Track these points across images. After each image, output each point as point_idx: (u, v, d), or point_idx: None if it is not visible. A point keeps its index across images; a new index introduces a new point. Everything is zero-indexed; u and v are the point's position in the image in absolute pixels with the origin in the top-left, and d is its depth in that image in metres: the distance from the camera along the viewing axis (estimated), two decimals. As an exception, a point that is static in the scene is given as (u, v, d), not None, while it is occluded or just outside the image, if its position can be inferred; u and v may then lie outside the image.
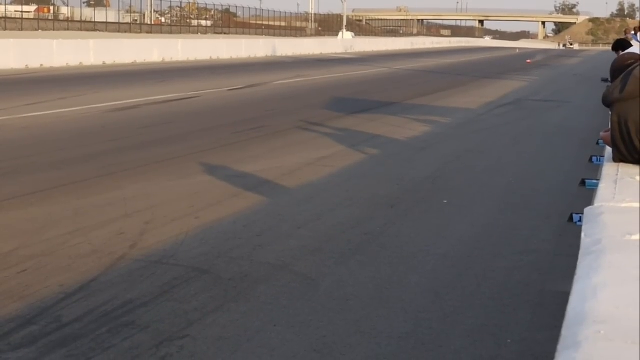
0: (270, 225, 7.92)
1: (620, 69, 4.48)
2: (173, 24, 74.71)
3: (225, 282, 6.00)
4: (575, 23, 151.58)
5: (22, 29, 48.97)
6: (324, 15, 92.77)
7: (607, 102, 4.42)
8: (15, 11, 62.26)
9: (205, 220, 7.81)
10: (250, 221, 8.01)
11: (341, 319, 5.43)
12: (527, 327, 5.15)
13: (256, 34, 70.06)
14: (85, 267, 6.13)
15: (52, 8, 65.82)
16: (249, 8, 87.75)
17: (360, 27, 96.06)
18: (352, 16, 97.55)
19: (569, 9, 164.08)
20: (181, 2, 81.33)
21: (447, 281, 6.34)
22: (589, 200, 3.33)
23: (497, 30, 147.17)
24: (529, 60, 32.42)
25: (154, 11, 77.65)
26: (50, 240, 6.87)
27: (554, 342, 1.75)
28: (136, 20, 72.35)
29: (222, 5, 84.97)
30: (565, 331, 1.78)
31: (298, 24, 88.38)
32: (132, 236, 7.04)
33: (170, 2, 79.73)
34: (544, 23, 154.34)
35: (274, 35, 71.17)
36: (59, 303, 5.40)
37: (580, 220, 3.06)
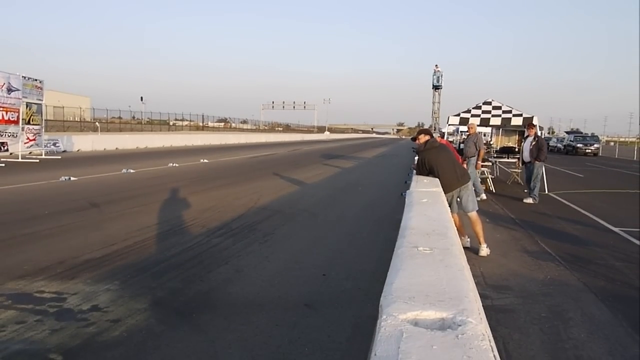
0: (300, 195, 7.81)
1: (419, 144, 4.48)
2: (268, 129, 73.90)
3: (286, 215, 5.93)
4: (402, 129, 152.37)
5: (219, 132, 48.38)
6: (319, 125, 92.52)
7: (415, 153, 4.42)
8: (217, 125, 62.33)
9: (279, 194, 7.70)
10: (294, 194, 7.91)
11: (325, 226, 5.35)
12: (388, 227, 5.10)
13: (295, 132, 69.07)
14: (239, 210, 6.07)
15: (229, 124, 65.35)
16: (294, 123, 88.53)
17: (330, 129, 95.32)
18: (328, 126, 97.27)
19: (401, 124, 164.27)
20: (271, 121, 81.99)
21: (364, 210, 6.26)
22: (407, 187, 3.31)
23: (377, 131, 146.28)
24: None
25: (263, 124, 77.25)
26: (226, 201, 6.79)
27: (396, 234, 1.74)
28: (257, 127, 71.68)
29: (285, 122, 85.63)
30: (400, 231, 1.78)
31: (310, 129, 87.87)
32: (255, 199, 6.97)
33: (267, 121, 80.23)
34: (393, 128, 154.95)
35: (302, 132, 70.20)
36: (230, 222, 5.35)
37: (404, 195, 3.05)
